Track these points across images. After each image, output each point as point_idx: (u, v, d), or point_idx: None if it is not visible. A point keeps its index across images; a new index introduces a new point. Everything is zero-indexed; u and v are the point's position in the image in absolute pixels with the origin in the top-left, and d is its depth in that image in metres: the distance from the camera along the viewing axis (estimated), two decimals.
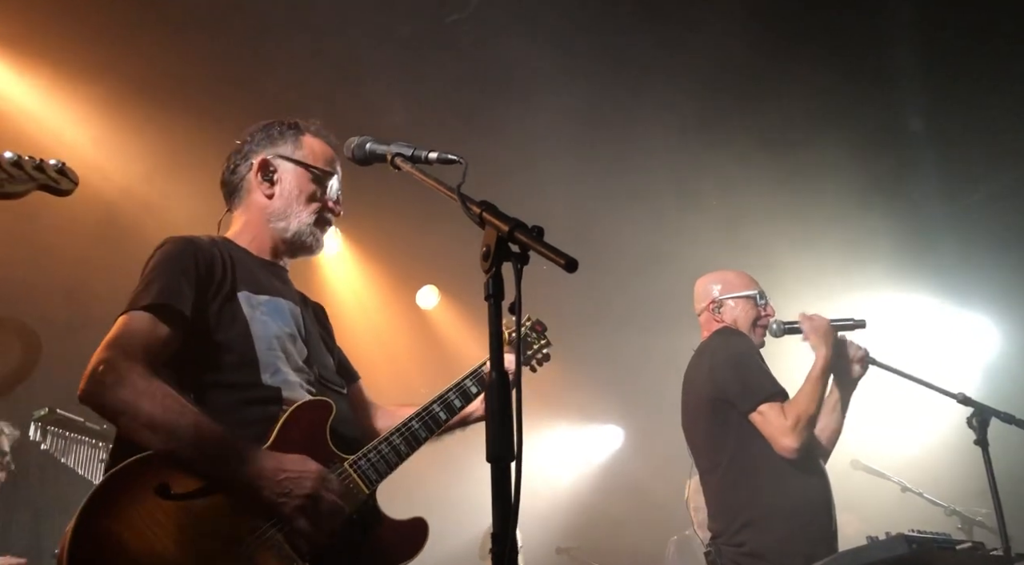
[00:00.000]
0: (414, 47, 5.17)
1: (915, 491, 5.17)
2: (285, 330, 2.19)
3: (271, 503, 1.89)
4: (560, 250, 1.44)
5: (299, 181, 2.34)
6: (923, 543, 2.71)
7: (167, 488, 1.82)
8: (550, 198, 5.77)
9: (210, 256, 2.15)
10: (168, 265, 2.08)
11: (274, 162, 2.35)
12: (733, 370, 3.34)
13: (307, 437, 2.04)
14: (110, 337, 1.97)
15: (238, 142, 2.42)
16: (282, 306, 2.23)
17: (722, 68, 5.47)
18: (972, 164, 6.18)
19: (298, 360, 2.19)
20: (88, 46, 4.73)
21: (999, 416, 3.28)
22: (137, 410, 1.87)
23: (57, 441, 4.12)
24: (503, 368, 1.44)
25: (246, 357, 2.08)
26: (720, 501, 3.29)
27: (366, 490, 2.08)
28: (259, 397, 2.06)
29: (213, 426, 1.90)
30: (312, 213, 2.33)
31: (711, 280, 3.69)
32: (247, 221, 2.34)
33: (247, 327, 2.11)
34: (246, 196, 2.36)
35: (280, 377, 2.11)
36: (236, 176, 2.37)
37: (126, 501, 1.79)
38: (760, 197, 6.15)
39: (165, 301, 2.00)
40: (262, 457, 1.91)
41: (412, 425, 2.23)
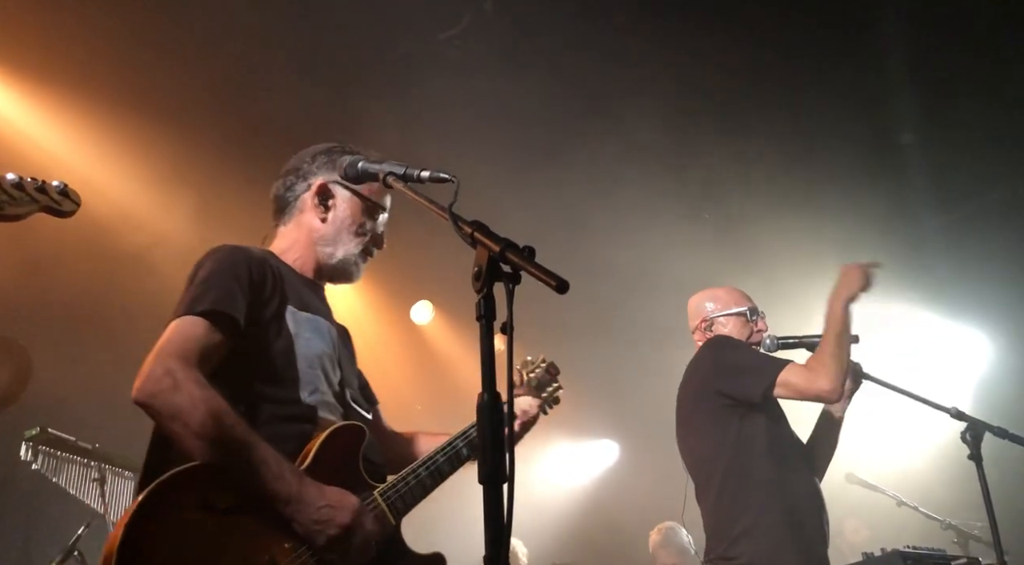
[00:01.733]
0: (408, 65, 5.19)
1: (910, 505, 5.16)
2: (326, 350, 2.22)
3: (306, 529, 1.91)
4: (551, 271, 1.44)
5: (352, 210, 2.36)
6: (919, 559, 2.72)
7: (210, 501, 1.85)
8: (545, 215, 5.79)
9: (262, 268, 2.16)
10: (223, 272, 2.08)
11: (332, 188, 2.37)
12: (734, 364, 3.33)
13: (341, 462, 2.06)
14: (166, 340, 1.96)
15: (298, 160, 2.43)
16: (323, 325, 2.25)
17: (713, 82, 5.50)
18: (965, 177, 6.21)
19: (334, 381, 2.22)
20: (82, 64, 4.74)
21: (992, 431, 3.29)
22: (191, 418, 1.87)
23: (48, 461, 4.08)
24: (494, 389, 1.44)
25: (288, 373, 2.10)
26: (715, 517, 3.29)
27: (392, 521, 2.09)
28: (296, 414, 2.08)
29: (262, 444, 1.92)
30: (359, 244, 2.37)
31: (702, 298, 3.70)
32: (295, 240, 2.36)
33: (292, 343, 2.12)
34: (298, 215, 2.38)
35: (317, 396, 2.13)
36: (291, 194, 2.38)
37: (171, 511, 1.82)
38: (753, 211, 6.17)
39: (222, 308, 2.01)
40: (305, 484, 1.93)
41: (438, 459, 2.23)
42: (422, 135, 5.31)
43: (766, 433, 3.30)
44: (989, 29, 5.17)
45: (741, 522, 3.17)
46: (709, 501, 3.32)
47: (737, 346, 3.46)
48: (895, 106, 5.69)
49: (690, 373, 3.55)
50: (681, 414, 3.54)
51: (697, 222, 6.35)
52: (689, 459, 3.47)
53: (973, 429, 3.27)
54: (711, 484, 3.32)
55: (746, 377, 3.27)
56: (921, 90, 5.53)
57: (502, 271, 1.50)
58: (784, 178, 5.94)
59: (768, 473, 3.22)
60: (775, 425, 3.36)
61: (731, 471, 3.26)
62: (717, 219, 6.40)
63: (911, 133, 5.94)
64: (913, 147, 5.97)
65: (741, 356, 3.39)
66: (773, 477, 3.21)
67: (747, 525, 3.16)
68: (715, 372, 3.38)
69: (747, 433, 3.28)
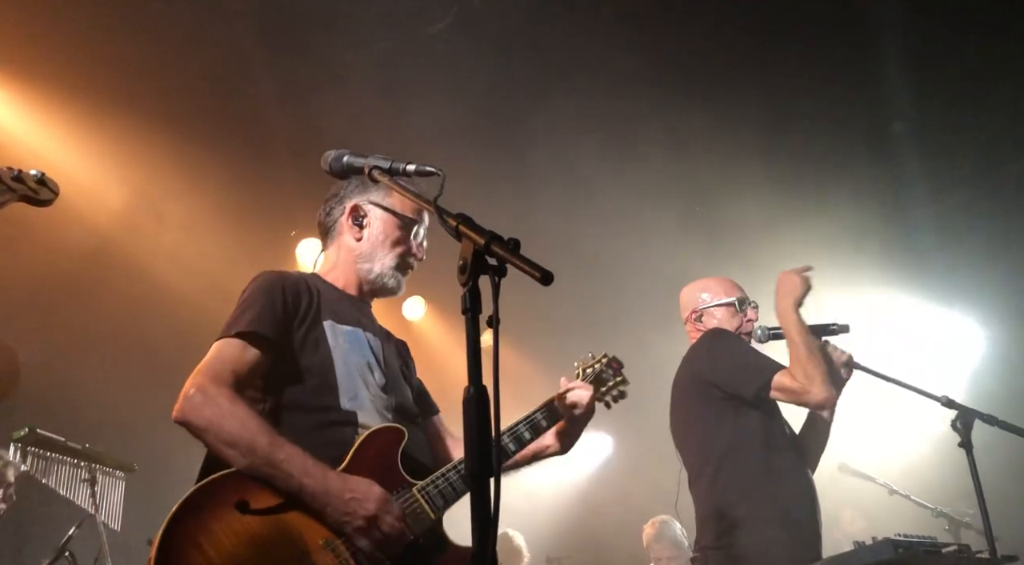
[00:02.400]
0: (395, 58, 5.16)
1: (902, 494, 5.18)
2: (365, 359, 2.33)
3: (336, 521, 2.00)
4: (536, 263, 1.43)
5: (386, 227, 2.48)
6: (909, 547, 2.72)
7: (246, 503, 1.97)
8: (537, 208, 5.78)
9: (297, 288, 2.31)
10: (259, 295, 2.25)
11: (364, 207, 2.50)
12: (731, 360, 3.36)
13: (379, 460, 2.16)
14: (204, 362, 2.14)
15: (335, 188, 2.55)
16: (362, 337, 2.38)
17: (702, 71, 5.49)
18: (957, 166, 6.22)
19: (376, 388, 2.32)
20: (72, 62, 4.70)
21: (982, 418, 3.29)
22: (220, 428, 2.02)
23: (38, 461, 4.06)
24: (480, 382, 1.43)
25: (327, 381, 2.22)
26: (709, 507, 3.29)
27: (432, 515, 2.15)
28: (337, 420, 2.19)
29: (288, 446, 2.03)
30: (396, 257, 2.48)
31: (693, 289, 3.71)
32: (337, 261, 2.51)
33: (329, 354, 2.25)
34: (337, 237, 2.52)
35: (358, 403, 2.24)
36: (331, 219, 2.54)
37: (208, 513, 1.95)
38: (744, 202, 6.17)
39: (255, 329, 2.17)
40: (331, 477, 2.03)
41: None
42: (409, 130, 5.29)
43: (761, 424, 3.31)
44: (981, 18, 5.17)
45: (733, 512, 3.19)
46: (702, 490, 3.33)
47: (735, 341, 3.47)
48: (887, 95, 5.69)
49: (686, 363, 3.56)
50: (676, 403, 3.55)
51: (687, 214, 6.34)
52: (683, 448, 3.48)
53: (963, 417, 3.28)
54: (705, 473, 3.32)
55: (741, 374, 3.29)
56: (913, 79, 5.53)
57: (487, 264, 1.50)
58: (774, 168, 5.93)
59: (762, 464, 3.23)
60: (769, 417, 3.38)
61: (725, 461, 3.27)
62: (707, 211, 6.39)
63: (903, 122, 5.94)
64: (905, 136, 5.97)
65: (738, 352, 3.39)
66: (767, 468, 3.23)
67: (739, 515, 3.17)
68: (712, 364, 3.39)
69: (742, 424, 3.29)
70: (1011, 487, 5.54)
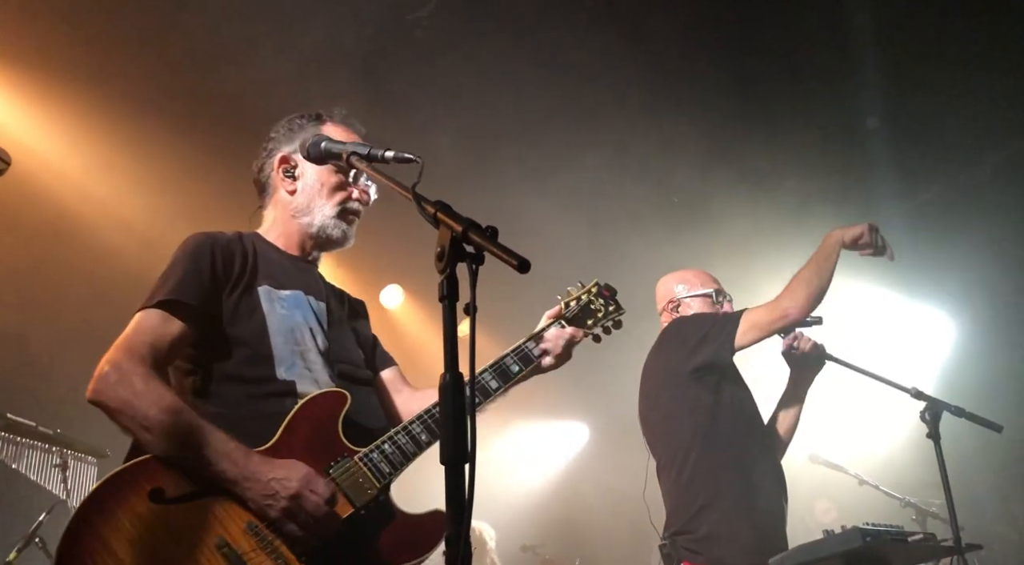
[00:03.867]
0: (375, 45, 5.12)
1: (871, 484, 5.26)
2: (307, 324, 2.19)
3: (258, 505, 1.89)
4: (513, 251, 1.43)
5: (320, 174, 2.32)
6: (877, 536, 2.76)
7: (161, 491, 1.85)
8: (514, 197, 5.77)
9: (229, 251, 2.16)
10: (184, 261, 2.10)
11: (294, 157, 2.35)
12: (697, 335, 3.37)
13: (315, 430, 2.02)
14: (121, 336, 1.99)
15: (264, 140, 2.42)
16: (304, 300, 2.23)
17: (678, 65, 5.50)
18: (927, 161, 6.29)
19: (317, 354, 2.18)
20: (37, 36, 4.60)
21: (950, 410, 3.36)
22: (134, 410, 1.89)
23: (8, 447, 4.02)
24: (457, 370, 1.43)
25: (261, 351, 2.08)
26: (677, 493, 3.32)
27: (377, 483, 2.03)
28: (273, 391, 2.06)
29: (208, 428, 1.91)
30: (335, 205, 2.32)
31: (671, 280, 3.74)
32: (275, 218, 2.36)
33: (264, 321, 2.11)
34: (273, 193, 2.38)
35: (296, 371, 2.10)
36: (263, 174, 2.39)
37: (118, 505, 1.82)
38: (718, 194, 6.21)
39: (176, 297, 2.02)
40: (253, 460, 1.91)
41: (435, 412, 2.14)
42: (389, 117, 5.25)
43: (730, 412, 3.35)
44: (954, 15, 5.22)
45: (701, 497, 3.22)
46: (670, 477, 3.36)
47: (694, 318, 3.51)
48: (861, 91, 5.73)
49: (655, 353, 3.59)
50: (645, 393, 3.57)
51: (665, 205, 6.37)
52: (651, 437, 3.51)
53: (932, 408, 3.34)
54: (674, 461, 3.36)
55: (711, 340, 3.31)
56: (887, 75, 5.58)
57: (465, 251, 1.49)
58: (748, 163, 5.97)
59: (729, 450, 3.27)
60: (739, 404, 3.41)
61: (693, 447, 3.30)
62: (685, 201, 6.42)
63: (877, 118, 5.99)
64: (878, 132, 6.03)
65: (701, 324, 3.43)
66: (734, 456, 3.26)
67: (707, 499, 3.20)
68: (682, 351, 3.41)
69: (710, 412, 3.32)
70: (977, 478, 5.66)
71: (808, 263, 3.31)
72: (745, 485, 3.22)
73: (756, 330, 3.25)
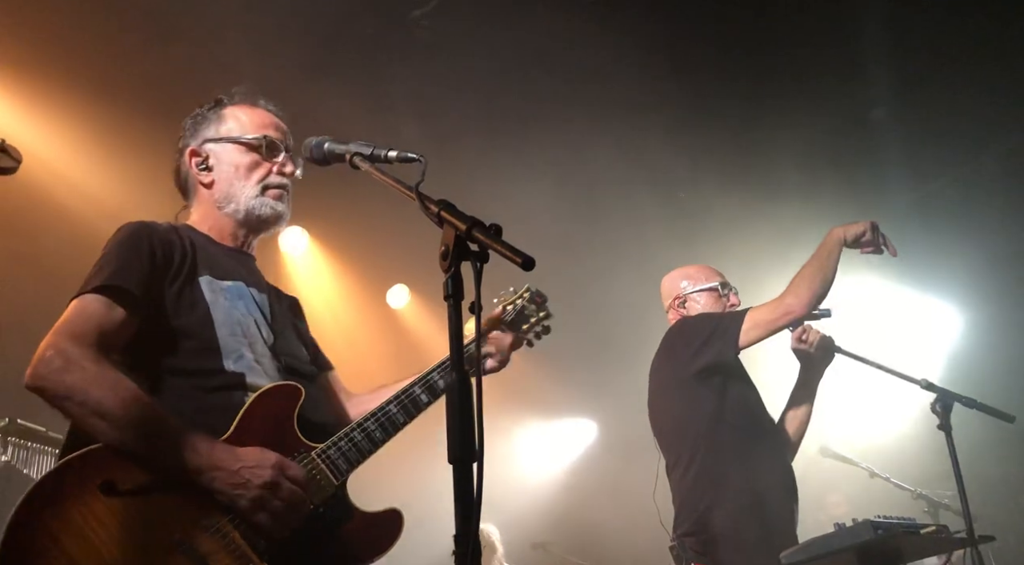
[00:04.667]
0: (376, 44, 5.12)
1: (883, 476, 5.25)
2: (251, 316, 2.13)
3: (227, 496, 1.80)
4: (517, 249, 1.43)
5: (231, 158, 2.26)
6: (889, 528, 2.75)
7: (113, 484, 1.73)
8: (516, 194, 5.76)
9: (168, 239, 2.08)
10: (123, 248, 2.02)
11: (201, 149, 2.29)
12: (702, 335, 3.37)
13: (272, 424, 1.96)
14: (60, 321, 1.88)
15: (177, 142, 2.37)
16: (247, 292, 2.17)
17: (682, 59, 5.48)
18: (935, 151, 6.26)
19: (264, 346, 2.12)
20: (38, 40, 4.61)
21: (961, 401, 3.34)
22: (86, 396, 1.78)
23: (19, 452, 4.03)
24: (463, 368, 1.43)
25: (207, 343, 2.01)
26: (684, 494, 3.32)
27: (335, 481, 1.99)
28: (222, 384, 1.99)
29: (167, 416, 1.83)
30: (256, 184, 2.25)
31: (674, 277, 3.73)
32: (204, 213, 2.29)
33: (208, 312, 2.04)
34: (194, 192, 2.32)
35: (244, 363, 2.04)
36: (181, 175, 2.34)
37: (66, 498, 1.70)
38: (726, 188, 6.19)
39: (118, 282, 1.93)
40: (217, 449, 1.83)
41: (389, 409, 2.11)
42: (391, 116, 5.25)
43: (736, 412, 3.33)
44: (962, 6, 5.18)
45: (708, 496, 3.21)
46: (679, 476, 3.36)
47: (698, 319, 3.50)
48: (866, 81, 5.71)
49: (661, 354, 3.58)
50: (653, 393, 3.57)
51: (670, 200, 6.36)
52: (660, 437, 3.51)
53: (942, 400, 3.32)
54: (682, 460, 3.35)
55: (715, 340, 3.30)
56: (893, 64, 5.54)
57: (469, 250, 1.49)
58: (755, 155, 5.95)
59: (737, 449, 3.26)
60: (745, 404, 3.40)
61: (699, 448, 3.29)
62: (692, 197, 6.41)
63: (882, 108, 5.97)
64: (884, 122, 6.00)
65: (704, 325, 3.42)
66: (742, 453, 3.25)
67: (713, 499, 3.19)
68: (687, 352, 3.39)
69: (718, 410, 3.31)
70: (989, 468, 5.64)
71: (810, 260, 3.31)
72: (752, 485, 3.21)
73: (760, 328, 3.24)
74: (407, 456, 2.22)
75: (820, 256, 3.29)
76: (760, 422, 3.43)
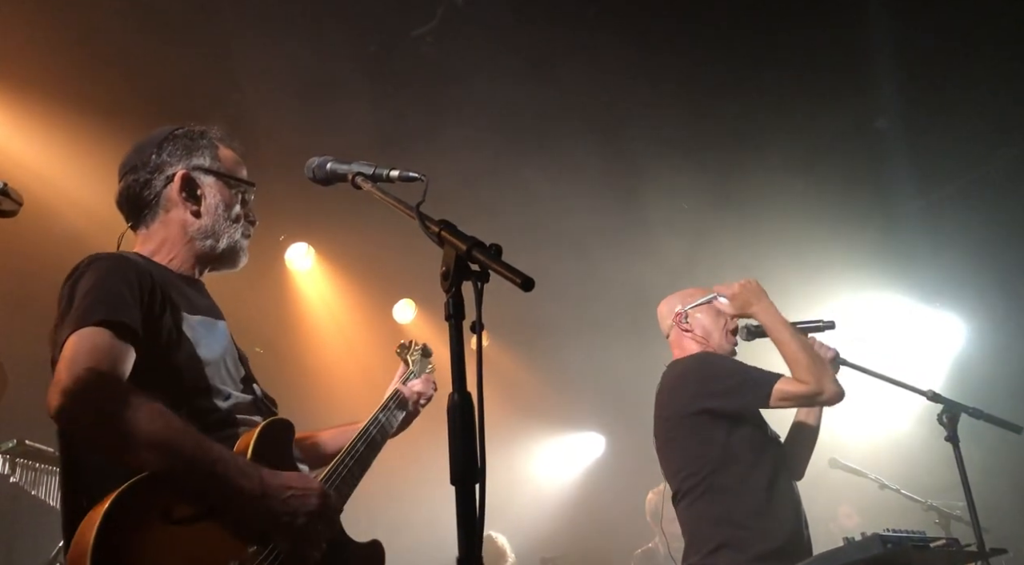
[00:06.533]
0: (381, 61, 5.16)
1: (892, 488, 5.21)
2: (227, 351, 2.14)
3: (276, 521, 1.83)
4: (517, 269, 1.44)
5: (224, 195, 2.24)
6: (898, 542, 2.73)
7: (170, 512, 1.73)
8: (522, 211, 5.78)
9: (146, 274, 2.01)
10: (110, 281, 1.92)
11: (196, 176, 2.23)
12: (726, 381, 3.29)
13: (278, 458, 1.99)
14: (73, 354, 1.76)
15: (142, 153, 2.23)
16: (215, 326, 2.15)
17: (687, 73, 5.51)
18: (941, 161, 6.25)
19: (239, 381, 2.14)
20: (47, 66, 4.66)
21: (968, 412, 3.32)
22: (136, 426, 1.72)
23: (27, 473, 4.03)
24: (465, 389, 1.43)
25: (199, 383, 2.00)
26: (692, 528, 3.26)
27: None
28: (216, 421, 1.98)
29: (215, 444, 1.82)
30: (239, 228, 2.26)
31: (670, 301, 3.68)
32: (164, 239, 2.19)
33: (195, 351, 2.02)
34: (163, 214, 2.20)
35: (232, 401, 2.05)
36: (149, 192, 2.20)
37: (135, 528, 1.69)
38: (731, 199, 6.20)
39: (120, 318, 1.84)
40: (266, 475, 1.85)
41: (371, 432, 2.31)
42: (395, 133, 5.28)
43: (750, 444, 3.26)
44: (967, 12, 5.19)
45: (720, 533, 3.14)
46: (687, 508, 3.29)
47: (723, 363, 3.41)
48: (870, 90, 5.71)
49: (672, 387, 3.47)
50: (660, 423, 3.47)
51: (674, 212, 6.37)
52: (668, 469, 3.44)
53: (949, 411, 3.30)
54: (689, 493, 3.28)
55: (743, 394, 3.23)
56: (897, 74, 5.55)
57: (470, 270, 1.50)
58: (759, 165, 5.96)
59: (746, 482, 3.19)
60: (758, 433, 3.33)
61: (712, 482, 3.22)
62: (697, 210, 6.41)
63: (886, 118, 5.97)
64: (887, 132, 6.00)
65: (731, 373, 3.32)
66: (751, 486, 3.18)
67: (725, 537, 3.12)
68: (704, 390, 3.31)
69: (731, 444, 3.23)
70: (999, 479, 5.59)
71: (790, 345, 3.24)
72: (761, 518, 3.14)
73: (789, 402, 3.23)
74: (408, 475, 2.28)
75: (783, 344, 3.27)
76: (769, 449, 3.34)
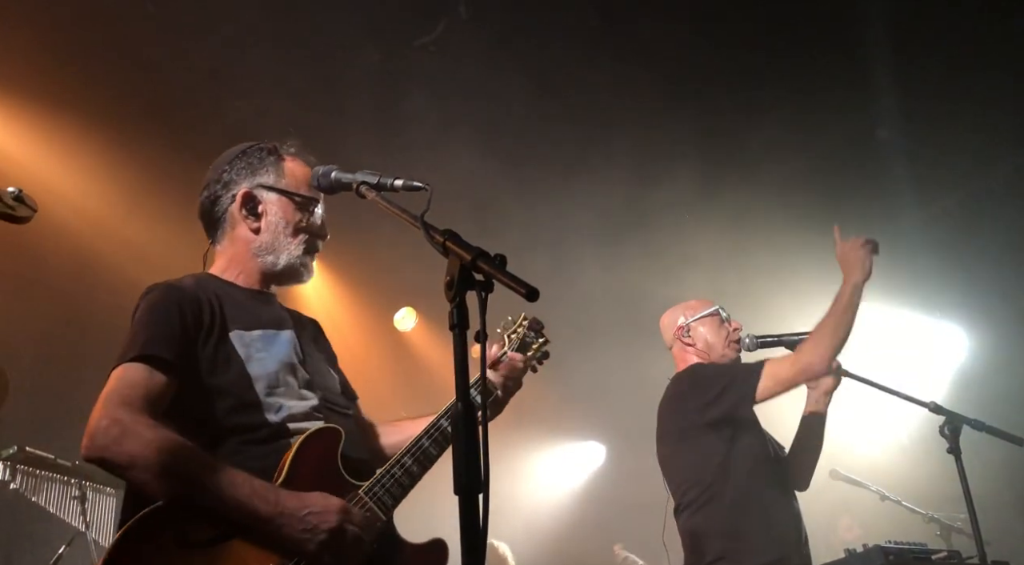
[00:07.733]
0: (384, 72, 5.18)
1: (894, 499, 5.20)
2: (284, 361, 2.16)
3: (295, 541, 1.86)
4: (521, 279, 1.44)
5: (284, 211, 2.28)
6: (900, 554, 2.74)
7: (186, 537, 1.80)
8: (527, 220, 5.79)
9: (196, 300, 2.10)
10: (154, 314, 2.04)
11: (257, 193, 2.28)
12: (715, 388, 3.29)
13: (319, 468, 2.01)
14: (108, 391, 1.92)
15: (216, 170, 2.33)
16: (276, 337, 2.19)
17: (691, 80, 5.52)
18: (943, 172, 6.26)
19: (300, 389, 2.16)
20: (54, 76, 4.69)
21: (970, 424, 3.31)
22: (148, 461, 1.82)
23: (27, 480, 4.03)
24: (468, 398, 1.43)
25: (247, 399, 2.05)
26: (694, 537, 3.26)
27: (383, 517, 2.04)
28: (267, 436, 2.03)
29: (229, 469, 1.88)
30: (300, 243, 2.28)
31: (673, 313, 3.69)
32: (233, 256, 2.29)
33: (244, 368, 2.07)
34: (230, 230, 2.29)
35: (284, 412, 2.08)
36: (218, 208, 2.30)
37: (149, 554, 1.77)
38: (732, 209, 6.20)
39: (153, 351, 1.96)
40: (283, 496, 1.89)
41: (423, 444, 2.17)
42: (397, 142, 5.30)
43: (749, 457, 3.27)
44: (968, 22, 5.20)
45: (719, 545, 3.15)
46: (688, 520, 3.30)
47: (713, 368, 3.43)
48: (872, 101, 5.72)
49: (671, 399, 3.49)
50: (661, 437, 3.48)
51: (680, 223, 6.37)
52: (668, 478, 3.44)
53: (951, 423, 3.29)
54: (690, 506, 3.29)
55: (731, 393, 3.23)
56: (899, 84, 5.56)
57: (474, 279, 1.49)
58: (762, 176, 5.97)
59: (746, 496, 3.19)
60: (758, 446, 3.33)
61: (712, 494, 3.22)
62: (698, 219, 6.42)
63: (887, 128, 5.98)
64: (890, 142, 6.01)
65: (720, 376, 3.34)
66: (751, 500, 3.18)
67: (723, 550, 3.13)
68: (699, 401, 3.32)
69: (731, 458, 3.24)
70: (1001, 492, 5.57)
71: (829, 313, 3.19)
72: (762, 532, 3.14)
73: (778, 385, 3.18)
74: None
75: (837, 310, 3.18)
76: (772, 465, 3.35)
